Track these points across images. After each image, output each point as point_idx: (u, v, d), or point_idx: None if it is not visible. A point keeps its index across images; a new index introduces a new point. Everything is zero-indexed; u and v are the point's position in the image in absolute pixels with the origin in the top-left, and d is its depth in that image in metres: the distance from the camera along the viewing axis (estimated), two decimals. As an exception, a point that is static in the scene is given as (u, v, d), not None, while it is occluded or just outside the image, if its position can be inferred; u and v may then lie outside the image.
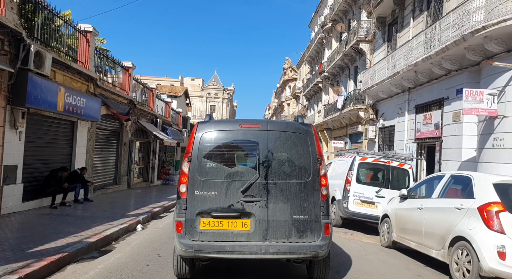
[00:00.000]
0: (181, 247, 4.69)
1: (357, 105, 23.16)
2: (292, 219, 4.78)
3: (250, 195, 4.80)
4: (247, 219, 4.77)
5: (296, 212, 4.81)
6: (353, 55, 25.69)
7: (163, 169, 25.15)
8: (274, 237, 4.74)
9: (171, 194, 16.75)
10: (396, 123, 18.43)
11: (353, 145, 26.73)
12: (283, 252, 4.71)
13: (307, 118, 42.10)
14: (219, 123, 5.41)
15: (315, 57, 41.28)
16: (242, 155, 5.34)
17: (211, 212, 4.76)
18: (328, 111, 30.48)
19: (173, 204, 13.62)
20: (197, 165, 4.88)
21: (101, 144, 14.91)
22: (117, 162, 16.58)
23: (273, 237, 4.74)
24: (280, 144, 5.03)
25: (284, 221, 4.78)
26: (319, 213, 4.84)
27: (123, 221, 8.73)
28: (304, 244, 4.74)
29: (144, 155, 21.05)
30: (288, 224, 4.78)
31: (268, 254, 4.69)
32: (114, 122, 16.01)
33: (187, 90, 33.69)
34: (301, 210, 4.81)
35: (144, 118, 19.84)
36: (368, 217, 9.73)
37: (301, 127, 5.17)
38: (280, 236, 4.75)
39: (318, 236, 4.78)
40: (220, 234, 4.74)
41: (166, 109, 25.71)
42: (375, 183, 10.12)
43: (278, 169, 4.95)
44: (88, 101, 11.84)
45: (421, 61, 13.87)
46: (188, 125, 33.81)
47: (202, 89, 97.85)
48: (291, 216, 4.79)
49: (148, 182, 21.02)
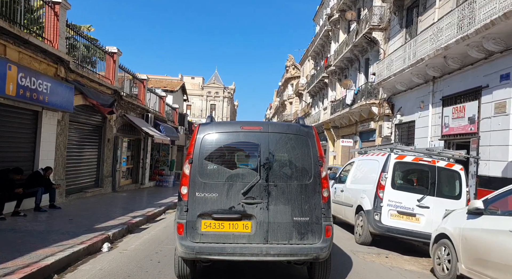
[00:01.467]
0: (182, 249, 4.67)
1: (369, 100, 21.01)
2: (293, 221, 4.76)
3: (251, 197, 4.78)
4: (248, 221, 4.75)
5: (297, 214, 4.78)
6: (364, 46, 23.53)
7: (156, 169, 23.02)
8: (275, 239, 4.72)
9: (162, 198, 14.62)
10: (417, 118, 16.28)
11: (363, 144, 24.59)
12: (284, 254, 4.68)
13: (311, 117, 39.97)
14: (220, 125, 5.43)
15: (320, 52, 39.13)
16: (243, 157, 5.33)
17: (212, 214, 4.74)
18: (336, 107, 28.34)
19: (161, 211, 11.54)
20: (198, 167, 4.86)
21: (77, 140, 12.78)
22: (99, 161, 14.46)
23: (274, 239, 4.72)
24: (281, 146, 5.01)
25: (285, 223, 4.76)
26: (320, 215, 4.81)
27: (84, 239, 6.60)
28: (305, 246, 4.72)
29: (134, 154, 18.91)
30: (289, 226, 4.75)
31: (269, 256, 4.67)
32: (95, 115, 13.89)
33: (185, 85, 31.52)
34: (302, 212, 4.79)
35: (133, 112, 17.71)
36: (408, 234, 7.41)
37: (302, 129, 5.11)
38: (281, 238, 4.73)
39: (319, 238, 4.76)
40: (221, 236, 4.72)
41: (160, 104, 23.59)
42: (417, 189, 7.75)
43: (279, 171, 4.91)
44: (55, 87, 9.72)
45: (455, 42, 11.73)
46: (186, 122, 31.69)
47: (202, 87, 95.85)
48: (292, 218, 4.77)
49: (137, 184, 18.88)
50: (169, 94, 28.43)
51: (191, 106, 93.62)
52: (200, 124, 5.29)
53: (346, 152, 28.35)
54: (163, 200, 13.96)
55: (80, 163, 13.02)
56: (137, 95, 18.90)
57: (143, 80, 19.22)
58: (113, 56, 14.86)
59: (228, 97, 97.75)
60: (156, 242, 7.43)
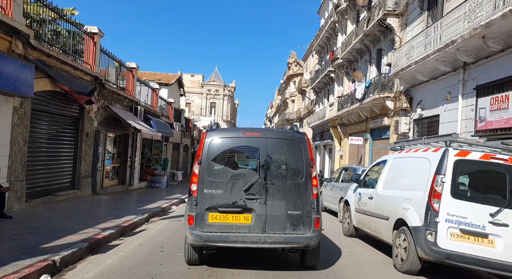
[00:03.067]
0: (192, 237, 5.33)
1: (383, 93, 18.96)
2: (287, 214, 5.44)
3: (251, 194, 5.46)
4: (249, 214, 5.42)
5: (290, 208, 5.46)
6: (377, 35, 21.47)
7: (147, 168, 21.00)
8: (271, 229, 5.40)
9: (149, 202, 12.60)
10: (442, 112, 14.24)
11: (375, 142, 22.56)
12: (279, 242, 5.38)
13: (315, 114, 37.93)
14: (225, 131, 6.27)
15: (326, 45, 37.06)
16: (245, 159, 6.10)
17: (218, 208, 5.41)
18: (343, 103, 26.29)
19: (143, 220, 9.38)
20: (206, 167, 5.53)
21: (46, 133, 10.77)
22: (76, 159, 12.44)
23: (271, 229, 5.40)
24: (278, 150, 5.68)
25: (280, 216, 5.44)
26: (310, 210, 5.48)
27: (10, 270, 4.56)
28: (297, 236, 5.40)
29: (121, 151, 16.89)
30: (284, 219, 5.43)
31: (266, 244, 5.37)
32: (71, 105, 11.87)
33: (181, 78, 29.44)
34: (295, 207, 5.47)
35: (119, 104, 15.69)
36: (478, 263, 5.20)
37: (296, 135, 5.81)
38: (277, 229, 5.41)
39: (309, 229, 5.44)
40: (226, 226, 5.39)
41: (152, 97, 21.57)
42: (489, 199, 5.51)
43: (275, 171, 5.59)
44: (6, 65, 7.70)
45: (501, 17, 9.69)
46: (182, 118, 29.68)
47: (202, 85, 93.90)
48: (286, 211, 5.45)
49: (124, 185, 16.85)
50: (164, 87, 26.41)
51: (191, 104, 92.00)
52: (207, 130, 5.87)
53: (354, 151, 26.29)
54: (150, 205, 11.94)
55: (50, 161, 10.99)
56: (126, 86, 16.89)
57: (132, 69, 17.20)
58: (93, 38, 12.83)
59: (228, 95, 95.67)
60: (124, 269, 5.41)
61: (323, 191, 14.27)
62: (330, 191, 13.39)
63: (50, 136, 10.99)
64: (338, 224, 11.25)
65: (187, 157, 34.08)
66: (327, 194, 13.69)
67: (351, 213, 8.43)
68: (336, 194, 12.30)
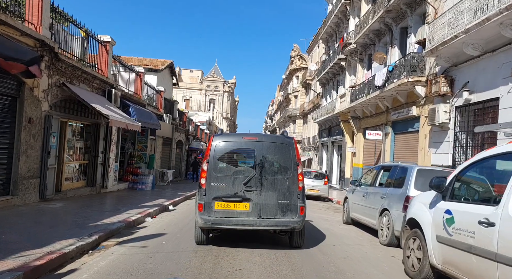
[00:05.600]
0: (201, 221, 6.51)
1: (412, 77, 15.58)
2: (278, 203, 6.64)
3: (249, 186, 6.64)
4: (247, 202, 6.60)
5: (281, 198, 6.66)
6: (402, 9, 18.08)
7: (129, 166, 17.64)
8: (265, 215, 6.60)
9: (116, 212, 9.28)
10: (504, 95, 10.88)
11: (398, 136, 19.16)
12: (271, 225, 6.61)
13: (322, 108, 34.50)
14: (228, 136, 7.36)
15: (334, 32, 33.64)
16: (244, 158, 7.13)
17: (222, 197, 6.57)
18: (357, 93, 22.90)
19: (84, 247, 5.76)
20: (213, 165, 6.72)
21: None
22: (13, 153, 9.07)
23: (265, 215, 6.60)
24: (271, 151, 6.91)
25: (272, 204, 6.63)
26: (297, 199, 6.68)
27: None
28: (286, 220, 6.61)
29: (90, 145, 13.50)
30: (275, 207, 6.63)
31: (261, 226, 6.60)
32: (2, 78, 8.50)
33: (173, 65, 25.94)
34: (284, 197, 6.67)
35: (85, 84, 12.31)
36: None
37: (286, 139, 7.06)
38: (269, 214, 6.61)
39: (295, 214, 6.65)
40: (228, 212, 6.56)
41: (136, 83, 18.20)
42: None
43: (269, 168, 6.79)
44: None
45: None
46: (175, 111, 26.28)
47: (201, 81, 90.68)
48: (277, 201, 6.65)
49: (95, 187, 13.47)
50: (152, 74, 23.02)
51: (189, 100, 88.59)
52: (214, 135, 7.08)
53: (370, 147, 22.91)
54: (112, 218, 8.57)
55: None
56: (98, 64, 13.51)
57: (105, 43, 13.81)
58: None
59: (228, 91, 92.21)
60: None
61: (349, 197, 10.91)
62: (361, 199, 9.95)
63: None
64: (378, 247, 7.90)
65: (181, 154, 30.68)
66: (357, 202, 10.26)
67: (427, 244, 4.95)
68: (374, 204, 8.93)
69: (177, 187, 20.56)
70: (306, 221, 7.25)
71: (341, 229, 10.12)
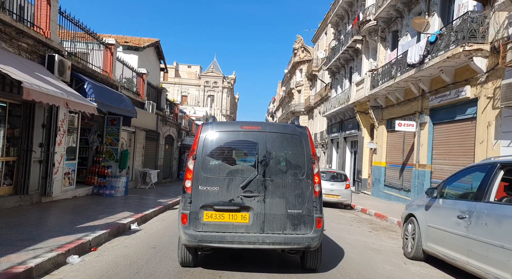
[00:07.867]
0: (185, 237, 5.00)
1: (470, 44, 11.53)
2: (287, 213, 5.11)
3: (249, 191, 5.12)
4: (246, 212, 5.08)
5: (290, 206, 5.13)
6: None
7: (95, 165, 13.56)
8: (270, 229, 5.07)
9: (29, 243, 5.18)
10: None
11: (438, 127, 15.08)
12: (278, 243, 5.04)
13: (332, 100, 30.44)
14: (221, 125, 5.78)
15: (346, 14, 29.58)
16: (242, 154, 5.62)
17: (213, 206, 5.05)
18: (380, 78, 18.83)
19: None
20: (201, 163, 5.21)
21: None
22: None
23: (270, 229, 5.07)
24: (278, 145, 5.35)
25: (280, 214, 5.10)
26: (312, 208, 5.16)
27: None
28: (298, 236, 5.07)
29: (20, 135, 9.42)
30: (283, 218, 5.09)
31: (264, 245, 5.03)
32: None
33: (160, 46, 21.83)
34: (295, 205, 5.13)
35: (6, 43, 8.24)
36: None
37: (297, 129, 5.49)
38: (276, 228, 5.07)
39: (310, 229, 5.11)
40: (222, 225, 5.05)
41: (106, 58, 14.16)
42: None
43: (275, 167, 5.25)
44: None
45: None
46: (162, 100, 22.24)
47: (199, 77, 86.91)
48: (286, 210, 5.11)
49: (27, 196, 9.37)
50: (132, 52, 18.90)
51: (187, 96, 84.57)
52: (203, 123, 5.66)
53: (396, 142, 18.85)
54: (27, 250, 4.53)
55: None
56: (35, 19, 9.47)
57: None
58: None
59: (228, 87, 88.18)
60: None
61: (420, 216, 6.67)
62: (455, 223, 5.47)
63: None
64: None
65: (171, 152, 26.62)
66: (442, 227, 5.53)
67: None
68: (495, 236, 4.65)
69: (162, 192, 16.52)
70: (330, 242, 5.94)
71: (411, 273, 6.01)
